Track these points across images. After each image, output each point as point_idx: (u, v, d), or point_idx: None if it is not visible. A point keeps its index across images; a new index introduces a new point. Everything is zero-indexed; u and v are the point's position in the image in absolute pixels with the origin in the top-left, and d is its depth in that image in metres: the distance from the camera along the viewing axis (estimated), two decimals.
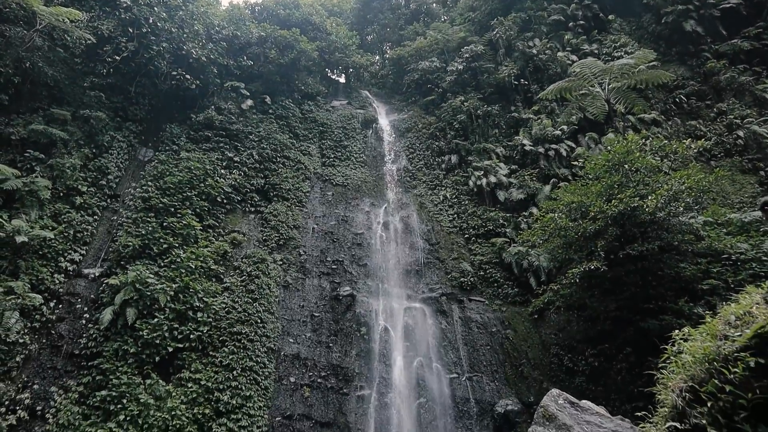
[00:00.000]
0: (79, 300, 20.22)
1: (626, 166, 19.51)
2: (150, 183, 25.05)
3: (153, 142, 28.23)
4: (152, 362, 19.15)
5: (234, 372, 20.02)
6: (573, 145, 31.59)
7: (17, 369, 17.40)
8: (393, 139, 37.66)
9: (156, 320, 19.72)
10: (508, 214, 29.66)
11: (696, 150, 21.82)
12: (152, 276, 20.64)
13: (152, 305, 19.99)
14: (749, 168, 27.54)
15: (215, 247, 24.16)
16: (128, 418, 17.31)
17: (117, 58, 26.52)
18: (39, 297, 18.30)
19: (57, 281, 19.85)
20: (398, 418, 21.14)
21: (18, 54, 22.30)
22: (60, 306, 19.72)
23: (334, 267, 26.41)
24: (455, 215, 30.97)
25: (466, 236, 29.54)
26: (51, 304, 19.29)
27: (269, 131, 32.16)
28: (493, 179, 30.88)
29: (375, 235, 28.97)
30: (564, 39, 39.02)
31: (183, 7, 30.72)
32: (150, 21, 27.78)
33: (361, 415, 21.17)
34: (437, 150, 35.67)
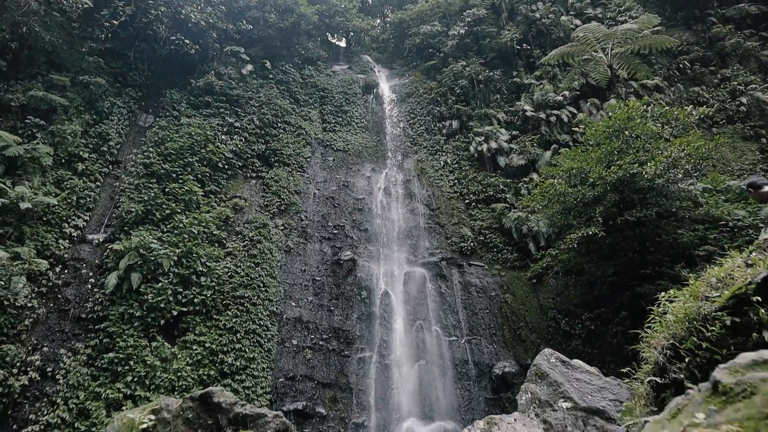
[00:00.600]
0: (84, 265, 20.54)
1: (627, 133, 19.44)
2: (151, 149, 25.10)
3: (153, 108, 28.13)
4: (157, 325, 19.55)
5: (237, 335, 20.44)
6: (574, 111, 31.39)
7: (27, 332, 17.85)
8: (394, 105, 37.44)
9: (160, 285, 20.05)
10: (509, 180, 29.69)
11: (697, 117, 21.79)
12: (155, 241, 20.90)
13: (156, 270, 20.30)
14: (751, 135, 27.49)
15: (217, 213, 24.34)
16: (135, 379, 17.80)
17: (115, 23, 26.19)
18: (45, 262, 18.60)
19: (62, 247, 20.13)
20: (398, 379, 21.66)
21: (14, 18, 22.00)
22: (66, 271, 20.05)
23: (336, 232, 26.62)
24: (456, 181, 30.99)
25: (467, 201, 29.65)
26: (57, 270, 19.62)
27: (269, 96, 31.95)
28: (494, 145, 30.80)
29: (376, 201, 29.10)
30: (568, 2, 38.38)
31: None
32: None
33: (362, 376, 21.72)
34: (438, 115, 35.43)
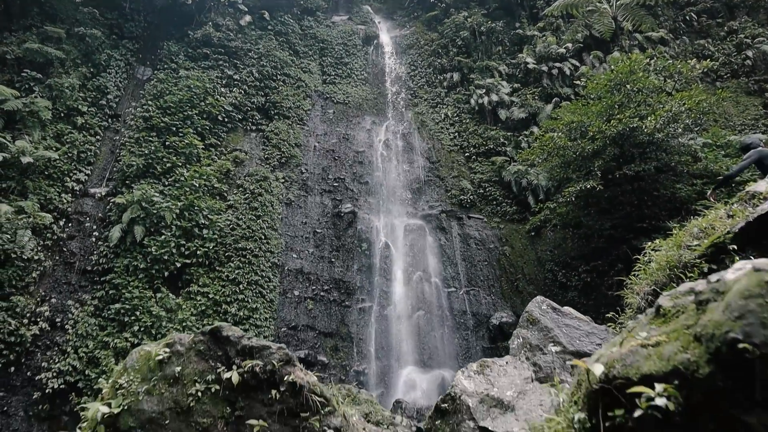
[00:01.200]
0: (88, 219, 20.82)
1: (628, 86, 19.20)
2: (150, 102, 24.95)
3: (151, 61, 27.77)
4: (162, 277, 19.95)
5: (240, 286, 20.87)
6: (577, 64, 30.89)
7: (35, 284, 18.30)
8: (394, 57, 36.85)
9: (163, 237, 20.34)
10: (509, 133, 29.51)
11: (701, 70, 21.47)
12: (157, 194, 21.06)
13: (159, 223, 20.55)
14: (755, 90, 27.09)
15: (218, 166, 24.41)
16: (142, 329, 18.31)
17: None
18: (49, 216, 18.89)
19: (64, 201, 20.37)
20: (398, 329, 22.22)
21: None
22: (69, 225, 20.35)
23: (336, 185, 26.76)
24: (456, 134, 30.85)
25: (467, 155, 29.62)
26: (61, 223, 19.92)
27: (269, 48, 31.45)
28: (495, 98, 30.49)
29: (376, 153, 29.10)
30: None
31: None
32: None
33: (363, 326, 22.30)
34: (439, 67, 34.90)
